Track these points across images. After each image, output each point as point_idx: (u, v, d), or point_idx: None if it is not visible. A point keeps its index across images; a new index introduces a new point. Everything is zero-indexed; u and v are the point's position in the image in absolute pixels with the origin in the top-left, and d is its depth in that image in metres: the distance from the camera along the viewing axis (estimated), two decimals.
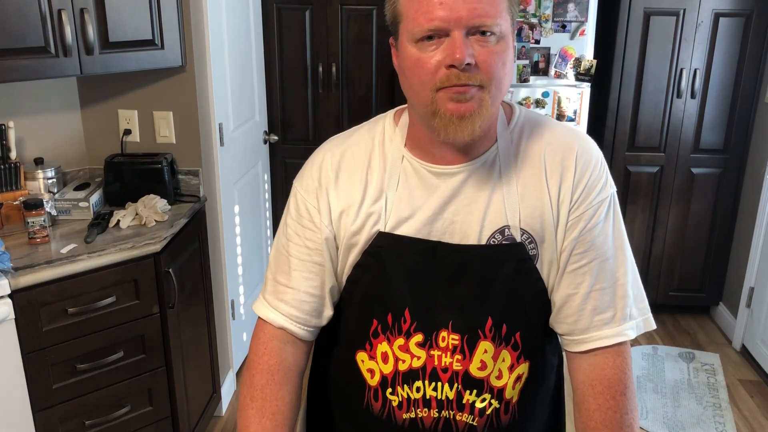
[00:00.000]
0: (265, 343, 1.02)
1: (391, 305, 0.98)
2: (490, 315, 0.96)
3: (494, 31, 0.86)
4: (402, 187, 0.97)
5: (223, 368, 2.70)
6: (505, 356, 0.98)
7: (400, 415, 0.99)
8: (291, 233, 1.02)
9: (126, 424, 2.04)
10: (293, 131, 3.45)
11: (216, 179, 2.50)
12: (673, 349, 3.18)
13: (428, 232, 0.96)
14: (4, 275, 1.69)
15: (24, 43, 1.82)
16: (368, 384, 1.01)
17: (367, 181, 0.99)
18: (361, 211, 0.98)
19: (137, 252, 1.94)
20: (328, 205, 0.99)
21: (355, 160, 1.00)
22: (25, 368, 1.76)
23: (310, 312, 1.02)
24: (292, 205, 1.03)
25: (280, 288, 1.03)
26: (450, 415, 0.98)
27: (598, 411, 0.94)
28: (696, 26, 3.04)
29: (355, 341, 1.01)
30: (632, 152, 3.24)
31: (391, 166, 0.98)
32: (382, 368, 0.99)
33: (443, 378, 0.97)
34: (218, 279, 2.61)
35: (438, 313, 0.97)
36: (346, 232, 0.99)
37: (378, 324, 0.99)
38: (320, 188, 1.00)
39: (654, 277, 3.39)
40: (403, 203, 0.97)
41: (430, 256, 0.96)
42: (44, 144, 2.29)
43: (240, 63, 2.82)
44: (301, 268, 1.01)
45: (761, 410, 2.74)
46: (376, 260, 0.98)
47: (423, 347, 0.97)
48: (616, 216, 0.98)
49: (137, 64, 2.12)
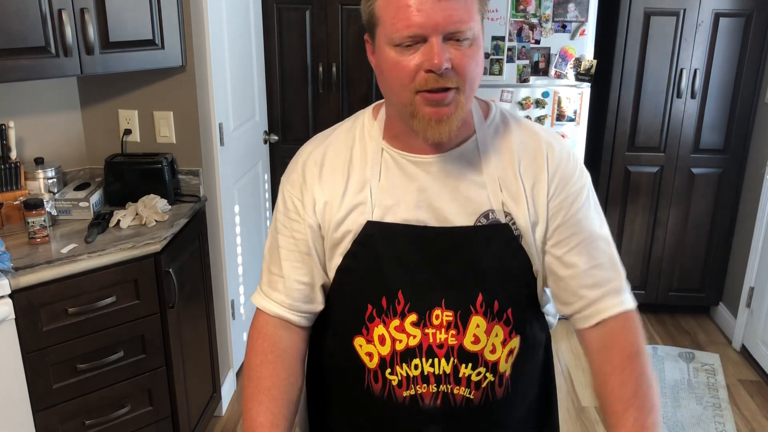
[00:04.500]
0: (260, 328, 1.08)
1: (385, 289, 1.01)
2: (481, 291, 1.00)
3: (468, 36, 0.90)
4: (384, 177, 1.02)
5: (223, 368, 2.70)
6: (498, 331, 1.02)
7: (400, 394, 1.03)
8: (280, 226, 1.08)
9: (126, 424, 2.04)
10: (293, 131, 3.45)
11: (216, 179, 2.50)
12: (673, 349, 3.18)
13: (414, 218, 1.01)
14: (5, 275, 1.69)
15: (24, 43, 1.82)
16: (367, 367, 1.05)
17: (349, 174, 1.04)
18: (344, 201, 1.03)
19: (137, 252, 1.94)
20: (313, 198, 1.04)
21: (337, 154, 1.06)
22: (25, 368, 1.76)
23: (301, 299, 1.07)
24: (280, 201, 1.09)
25: (273, 278, 1.09)
26: (447, 389, 1.02)
27: (614, 374, 0.97)
28: (696, 26, 3.04)
29: (351, 328, 1.05)
30: (632, 152, 3.24)
31: (372, 159, 1.03)
32: (380, 350, 1.03)
33: (439, 354, 1.01)
34: (218, 279, 2.61)
35: (430, 292, 1.01)
36: (331, 222, 1.03)
37: (373, 308, 1.02)
38: (305, 183, 1.05)
39: (654, 277, 3.39)
40: (387, 193, 1.02)
41: (419, 240, 1.00)
42: (44, 144, 2.29)
43: (240, 63, 2.82)
44: (290, 258, 1.07)
45: (761, 410, 2.74)
46: (366, 248, 1.02)
47: (418, 326, 1.01)
48: (595, 201, 1.05)
49: (137, 63, 2.12)
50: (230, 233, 2.71)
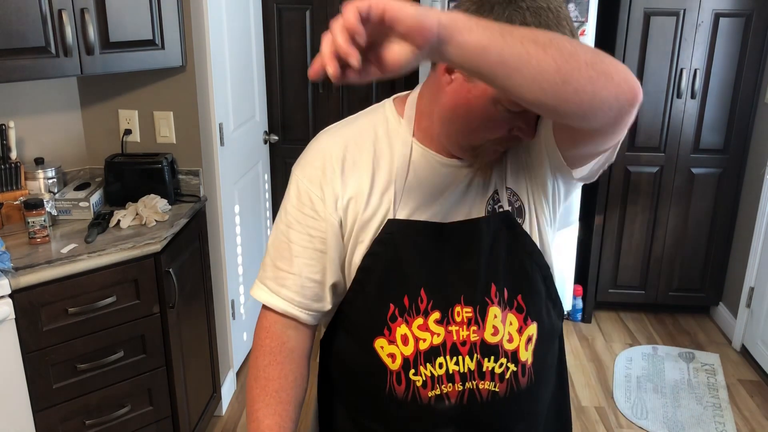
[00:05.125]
0: (267, 327, 1.05)
1: (407, 287, 0.99)
2: (493, 281, 1.00)
3: None
4: (412, 177, 1.00)
5: (223, 368, 2.70)
6: (512, 320, 1.01)
7: (425, 394, 1.01)
8: (291, 220, 1.03)
9: (126, 424, 2.04)
10: (293, 131, 3.45)
11: (216, 179, 2.50)
12: (673, 349, 3.18)
13: (437, 215, 1.00)
14: (5, 275, 1.69)
15: (24, 43, 1.82)
16: (389, 369, 1.01)
17: (374, 170, 1.00)
18: (371, 200, 0.99)
19: (137, 252, 1.94)
20: (334, 194, 1.00)
21: (360, 149, 1.01)
22: (25, 368, 1.76)
23: (312, 297, 1.04)
24: (293, 192, 1.03)
25: (281, 274, 1.04)
26: (473, 385, 1.00)
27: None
28: (696, 26, 3.04)
29: (373, 329, 1.02)
30: (632, 152, 3.24)
31: (400, 157, 1.00)
32: (403, 350, 1.01)
33: (463, 351, 0.99)
34: (218, 279, 2.61)
35: (451, 288, 0.99)
36: (356, 219, 1.00)
37: (395, 308, 1.00)
38: (324, 178, 1.00)
39: (654, 277, 3.39)
40: (414, 193, 1.00)
41: (438, 236, 0.99)
42: (44, 144, 2.29)
43: (240, 63, 2.82)
44: (303, 255, 1.02)
45: (761, 410, 2.74)
46: (387, 247, 0.99)
47: (441, 324, 0.99)
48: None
49: (138, 64, 2.12)
50: (230, 233, 2.71)
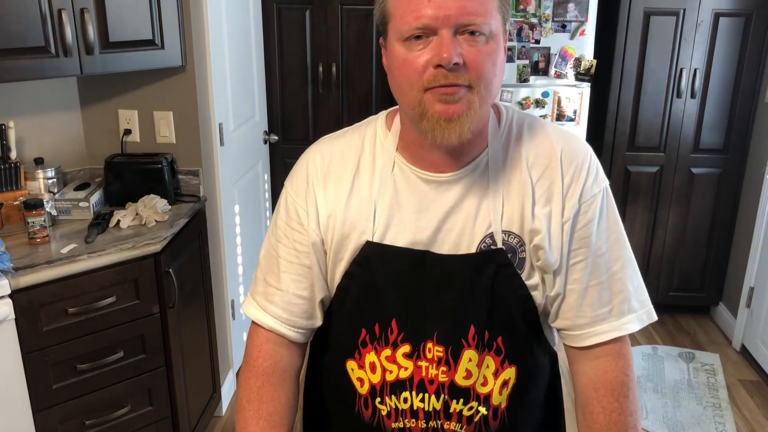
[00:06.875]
0: (259, 346, 1.02)
1: (379, 315, 0.96)
2: (473, 323, 0.95)
3: (483, 31, 0.84)
4: (392, 196, 0.96)
5: (223, 368, 2.70)
6: (488, 362, 0.97)
7: (389, 424, 0.99)
8: (280, 234, 1.01)
9: (126, 424, 2.04)
10: (293, 131, 3.45)
11: (216, 179, 2.50)
12: (673, 349, 3.18)
13: (418, 241, 0.95)
14: (4, 275, 1.69)
15: (24, 43, 1.82)
16: (358, 392, 1.00)
17: (353, 186, 0.97)
18: (348, 216, 0.96)
19: (137, 252, 1.94)
20: (316, 208, 0.98)
21: (344, 162, 0.99)
22: (25, 368, 1.76)
23: (300, 314, 1.02)
24: (282, 205, 1.02)
25: (270, 290, 1.02)
26: (438, 425, 0.98)
27: (602, 414, 0.95)
28: (696, 26, 3.04)
29: (346, 350, 1.01)
30: (632, 152, 3.24)
31: (382, 173, 0.97)
32: (371, 378, 0.99)
33: (430, 390, 0.96)
34: (218, 279, 2.61)
35: (425, 323, 0.95)
36: (334, 237, 0.97)
37: (366, 333, 0.98)
38: (308, 189, 0.99)
39: (654, 277, 3.39)
40: (392, 212, 0.95)
41: (418, 266, 0.94)
42: (44, 144, 2.29)
43: (240, 63, 2.82)
44: (290, 270, 1.00)
45: (761, 410, 2.74)
46: (364, 270, 0.96)
47: (410, 358, 0.96)
48: (611, 209, 0.97)
49: (137, 63, 2.12)
50: (230, 233, 2.71)
